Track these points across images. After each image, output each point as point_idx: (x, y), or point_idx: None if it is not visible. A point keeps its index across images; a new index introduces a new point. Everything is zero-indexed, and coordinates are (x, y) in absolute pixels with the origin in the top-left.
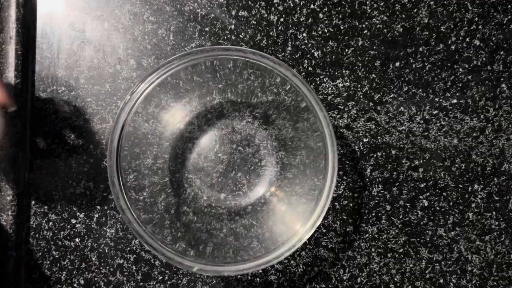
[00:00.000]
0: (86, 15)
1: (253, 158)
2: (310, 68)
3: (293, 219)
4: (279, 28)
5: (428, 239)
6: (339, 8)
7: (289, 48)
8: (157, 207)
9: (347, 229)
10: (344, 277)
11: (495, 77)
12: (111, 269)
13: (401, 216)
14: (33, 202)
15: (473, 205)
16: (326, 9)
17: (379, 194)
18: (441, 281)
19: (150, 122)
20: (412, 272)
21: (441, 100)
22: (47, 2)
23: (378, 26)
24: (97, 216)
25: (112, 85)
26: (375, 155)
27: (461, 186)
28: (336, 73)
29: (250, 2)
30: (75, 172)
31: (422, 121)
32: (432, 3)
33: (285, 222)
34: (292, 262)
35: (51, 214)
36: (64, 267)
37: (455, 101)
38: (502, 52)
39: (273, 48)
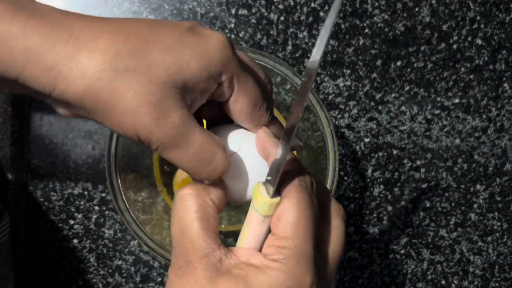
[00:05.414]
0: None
1: None
2: None
3: None
4: (279, 27)
5: (429, 240)
6: (340, 7)
7: (290, 47)
8: (156, 208)
9: (348, 230)
10: (345, 279)
11: (497, 76)
12: (110, 271)
13: (402, 217)
14: (31, 203)
15: (475, 205)
16: (327, 8)
17: (381, 195)
18: (443, 282)
19: None
20: (414, 273)
21: (443, 99)
22: (45, 1)
23: (379, 25)
24: (95, 217)
25: None
26: (376, 155)
27: (463, 186)
28: (337, 72)
29: (250, 1)
30: (74, 172)
31: (423, 121)
32: (433, 2)
33: None
34: None
35: (49, 214)
36: (62, 268)
37: (457, 100)
38: (504, 51)
39: (273, 47)
